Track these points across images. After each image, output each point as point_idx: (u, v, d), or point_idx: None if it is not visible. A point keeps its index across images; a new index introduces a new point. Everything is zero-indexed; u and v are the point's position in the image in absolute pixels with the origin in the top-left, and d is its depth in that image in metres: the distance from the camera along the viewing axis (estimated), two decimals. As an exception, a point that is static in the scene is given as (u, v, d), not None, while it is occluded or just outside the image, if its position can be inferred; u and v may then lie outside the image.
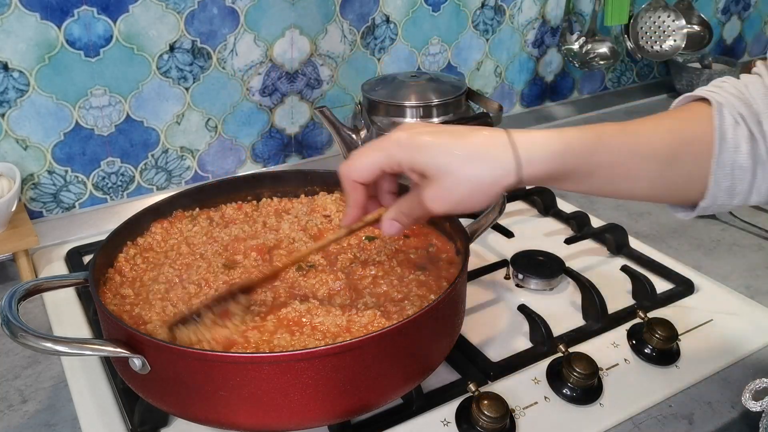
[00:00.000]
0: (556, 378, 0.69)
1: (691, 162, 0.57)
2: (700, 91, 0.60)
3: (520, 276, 0.84)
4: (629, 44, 1.40)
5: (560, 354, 0.70)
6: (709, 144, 0.57)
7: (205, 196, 0.82)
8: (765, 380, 0.63)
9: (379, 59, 1.19)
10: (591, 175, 0.56)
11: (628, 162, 0.57)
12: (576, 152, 0.55)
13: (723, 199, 0.58)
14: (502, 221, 0.96)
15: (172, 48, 0.98)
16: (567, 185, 0.57)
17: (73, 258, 0.92)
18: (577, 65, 1.39)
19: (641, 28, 1.39)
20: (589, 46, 1.38)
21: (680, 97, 0.62)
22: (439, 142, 0.54)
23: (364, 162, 0.57)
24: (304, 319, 0.63)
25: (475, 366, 0.71)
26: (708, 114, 0.57)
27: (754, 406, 0.63)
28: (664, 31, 1.39)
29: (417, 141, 0.55)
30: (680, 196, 0.60)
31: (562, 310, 0.81)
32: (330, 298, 0.66)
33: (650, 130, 0.58)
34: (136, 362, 0.55)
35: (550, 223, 1.02)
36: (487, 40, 1.30)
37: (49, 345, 0.53)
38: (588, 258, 0.92)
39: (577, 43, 1.38)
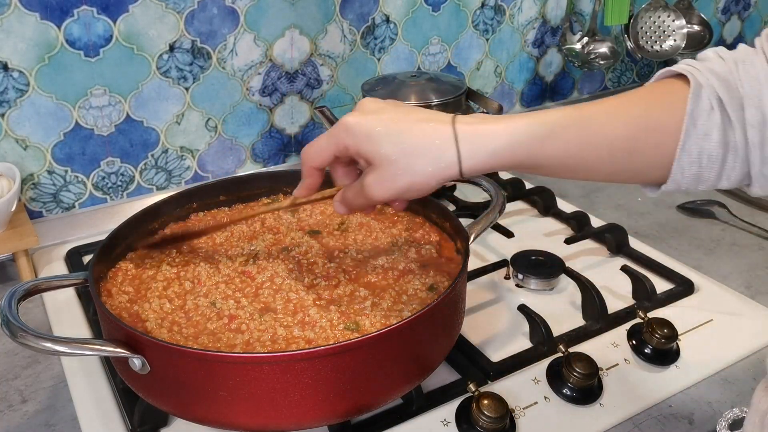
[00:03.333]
0: (556, 378, 0.69)
1: (653, 150, 0.53)
2: (680, 66, 0.53)
3: (520, 276, 0.84)
4: (629, 44, 1.40)
5: (560, 354, 0.70)
6: (677, 132, 0.52)
7: (205, 196, 0.82)
8: (737, 410, 0.62)
9: (379, 59, 1.19)
10: (540, 167, 0.55)
11: (580, 154, 0.54)
12: (524, 145, 0.54)
13: (688, 184, 0.54)
14: (502, 221, 0.96)
15: (171, 48, 0.98)
16: (520, 171, 0.57)
17: (73, 258, 0.92)
18: (577, 65, 1.39)
19: (641, 27, 1.39)
20: (591, 47, 1.38)
21: (659, 72, 0.56)
22: (384, 132, 0.55)
23: (318, 148, 0.59)
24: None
25: (475, 366, 0.71)
26: (683, 96, 0.52)
27: None
28: (664, 31, 1.39)
29: (364, 128, 0.55)
30: (642, 180, 0.56)
31: (562, 310, 0.81)
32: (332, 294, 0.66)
33: (609, 118, 0.54)
34: (136, 362, 0.55)
35: (550, 223, 1.02)
36: (487, 39, 1.30)
37: (49, 345, 0.53)
38: (588, 258, 0.92)
39: (579, 43, 1.38)
